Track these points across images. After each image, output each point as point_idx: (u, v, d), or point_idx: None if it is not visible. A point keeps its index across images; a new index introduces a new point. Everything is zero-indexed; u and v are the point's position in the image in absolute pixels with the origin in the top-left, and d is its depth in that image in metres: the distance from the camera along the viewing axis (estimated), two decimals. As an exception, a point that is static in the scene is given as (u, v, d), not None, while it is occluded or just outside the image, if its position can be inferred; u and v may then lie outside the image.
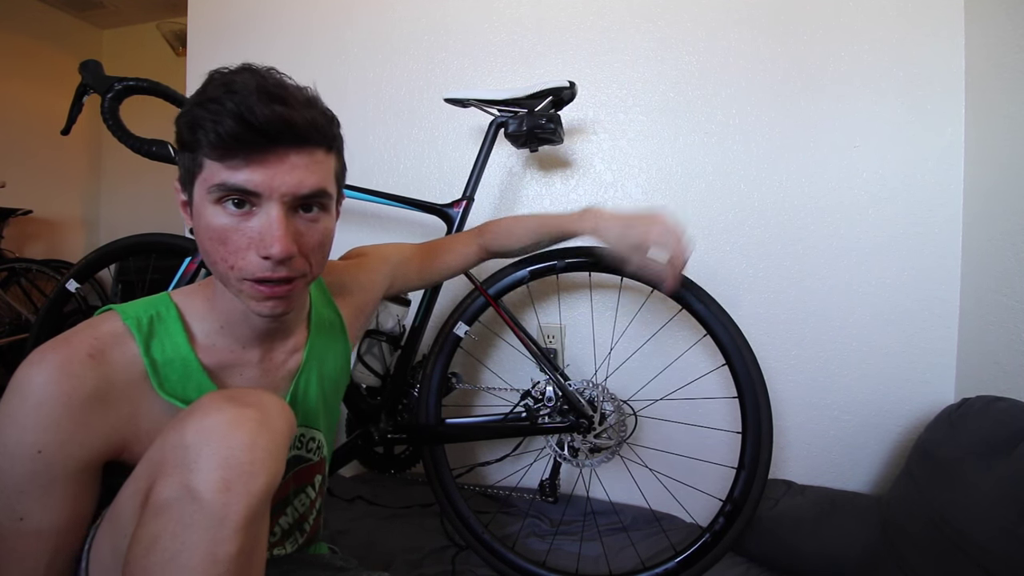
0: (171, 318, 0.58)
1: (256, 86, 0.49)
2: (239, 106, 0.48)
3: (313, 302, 0.71)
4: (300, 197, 0.53)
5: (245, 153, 0.49)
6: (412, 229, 1.45)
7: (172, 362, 0.56)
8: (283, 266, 0.52)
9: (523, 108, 1.08)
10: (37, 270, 2.68)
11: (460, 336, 1.10)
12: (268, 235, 0.51)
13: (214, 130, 0.48)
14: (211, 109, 0.48)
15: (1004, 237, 1.02)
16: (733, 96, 1.25)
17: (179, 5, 1.78)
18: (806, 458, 1.24)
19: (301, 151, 0.52)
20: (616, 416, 1.06)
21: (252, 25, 1.59)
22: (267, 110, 0.49)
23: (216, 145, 0.49)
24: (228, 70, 0.52)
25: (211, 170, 0.50)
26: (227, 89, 0.49)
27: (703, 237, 1.27)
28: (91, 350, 0.52)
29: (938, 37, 1.13)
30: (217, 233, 0.51)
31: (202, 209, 0.52)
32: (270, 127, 0.49)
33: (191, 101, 0.51)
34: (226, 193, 0.50)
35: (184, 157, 0.53)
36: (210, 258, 0.53)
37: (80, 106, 1.10)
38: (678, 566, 1.00)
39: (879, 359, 1.18)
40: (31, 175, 3.01)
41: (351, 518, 1.26)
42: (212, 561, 0.40)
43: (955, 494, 0.86)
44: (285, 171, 0.51)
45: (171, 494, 0.41)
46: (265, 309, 0.54)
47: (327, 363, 0.71)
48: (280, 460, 0.46)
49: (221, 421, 0.44)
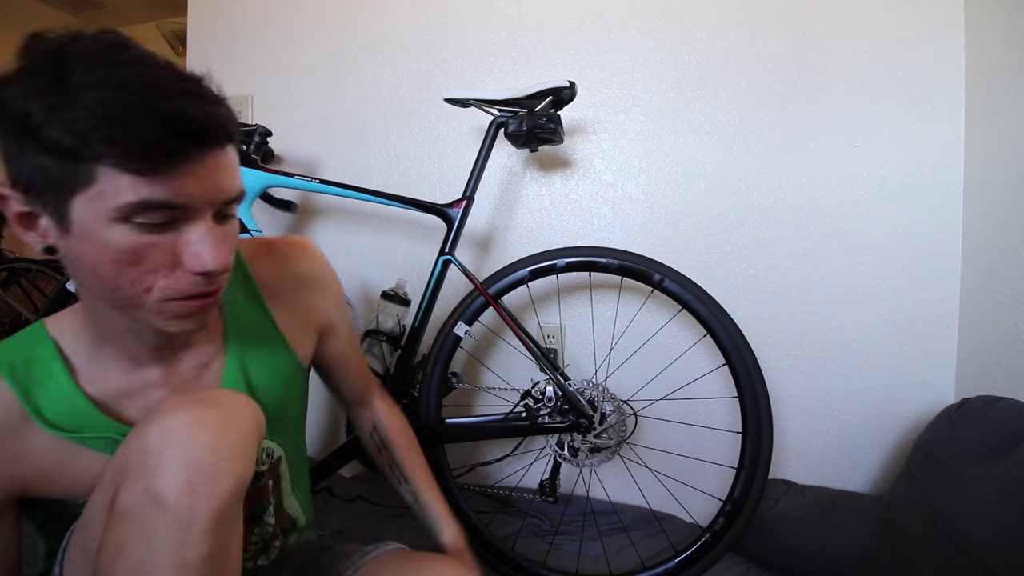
0: (49, 355, 0.52)
1: (161, 75, 0.41)
2: (158, 102, 0.39)
3: (226, 302, 0.61)
4: (224, 203, 0.46)
5: (169, 161, 0.41)
6: (412, 229, 1.45)
7: (58, 403, 0.51)
8: (215, 279, 0.48)
9: (523, 108, 1.08)
10: (37, 270, 2.68)
11: (460, 336, 1.10)
12: (204, 250, 0.44)
13: (130, 137, 0.39)
14: (117, 107, 0.39)
15: (1004, 237, 1.02)
16: (733, 96, 1.25)
17: (179, 5, 1.78)
18: (806, 458, 1.24)
19: (224, 152, 0.45)
20: (616, 416, 1.06)
21: (251, 25, 1.59)
22: (192, 108, 0.41)
23: (134, 155, 0.39)
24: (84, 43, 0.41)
25: (115, 184, 0.40)
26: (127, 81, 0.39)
27: (703, 237, 1.27)
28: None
29: (938, 37, 1.13)
30: (127, 255, 0.42)
31: (94, 228, 0.41)
32: (197, 129, 0.41)
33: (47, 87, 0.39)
34: (144, 211, 0.41)
35: (41, 160, 0.40)
36: (109, 284, 0.44)
37: (80, 106, 1.10)
38: (678, 566, 1.00)
39: (879, 359, 1.18)
40: (31, 175, 3.01)
41: (351, 518, 1.26)
42: (181, 565, 0.39)
43: (955, 494, 0.86)
44: (212, 176, 0.44)
45: (134, 499, 0.40)
46: (188, 325, 0.48)
47: (253, 370, 0.62)
48: (249, 460, 0.45)
49: (182, 422, 0.42)
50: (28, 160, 0.41)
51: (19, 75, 0.40)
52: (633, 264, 1.05)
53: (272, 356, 0.64)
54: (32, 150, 0.40)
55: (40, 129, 0.39)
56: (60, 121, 0.38)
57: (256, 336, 0.62)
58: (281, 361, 0.65)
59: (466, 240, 1.40)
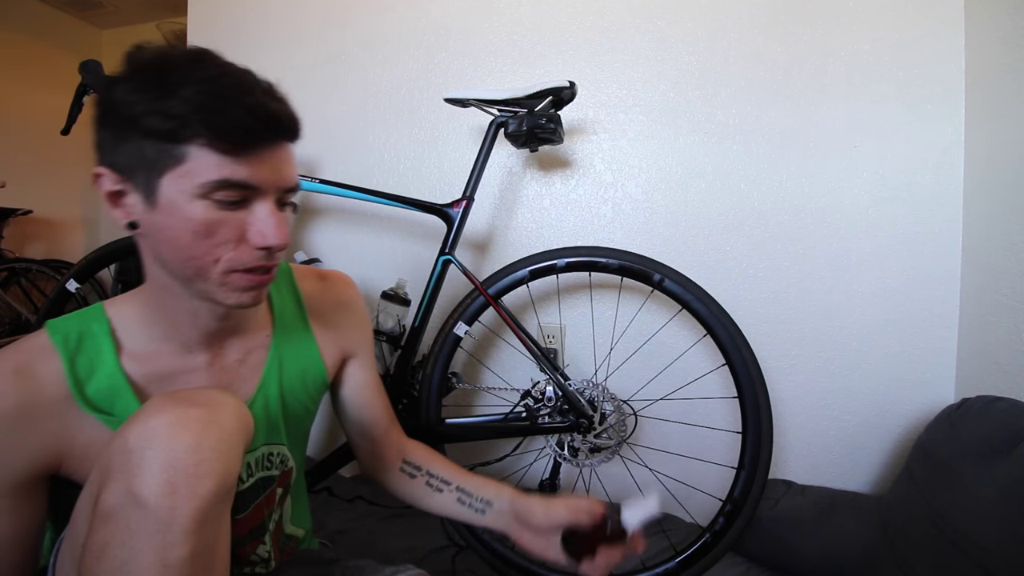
0: (101, 332, 0.55)
1: (248, 77, 0.49)
2: (246, 97, 0.47)
3: (276, 304, 0.68)
4: (286, 191, 0.53)
5: (251, 147, 0.48)
6: (412, 229, 1.45)
7: (98, 378, 0.54)
8: (274, 255, 0.53)
9: (523, 108, 1.08)
10: (37, 270, 2.68)
11: (460, 336, 1.10)
12: (268, 227, 0.51)
13: (223, 122, 0.46)
14: (212, 97, 0.46)
15: (1004, 237, 1.02)
16: (733, 96, 1.25)
17: (179, 5, 1.78)
18: (806, 458, 1.24)
19: (288, 145, 0.53)
20: (616, 416, 1.06)
21: (251, 25, 1.59)
22: (272, 104, 0.49)
23: (224, 138, 0.46)
24: (181, 52, 0.49)
25: (204, 163, 0.47)
26: (220, 79, 0.47)
27: (703, 237, 1.27)
28: (16, 366, 0.51)
29: (938, 37, 1.13)
30: (204, 227, 0.49)
31: (179, 202, 0.48)
32: (275, 122, 0.49)
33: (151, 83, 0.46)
34: (224, 188, 0.48)
35: (141, 145, 0.47)
36: (185, 253, 0.50)
37: (80, 106, 1.10)
38: (678, 566, 1.00)
39: (879, 359, 1.18)
40: (31, 175, 3.01)
41: (351, 518, 1.26)
42: (163, 566, 0.39)
43: (955, 494, 0.86)
44: (280, 165, 0.51)
45: (116, 500, 0.40)
46: (247, 299, 0.53)
47: (288, 373, 0.66)
48: (233, 459, 0.45)
49: (163, 423, 0.42)
50: (128, 145, 0.48)
51: (125, 76, 0.48)
52: (633, 264, 1.05)
53: (306, 364, 0.68)
54: (134, 136, 0.47)
55: (143, 118, 0.46)
56: (161, 110, 0.45)
57: (296, 343, 0.68)
58: (312, 370, 0.69)
59: (466, 240, 1.40)
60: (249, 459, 0.62)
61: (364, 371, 0.77)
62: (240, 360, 0.63)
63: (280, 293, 0.69)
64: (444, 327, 1.11)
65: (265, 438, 0.65)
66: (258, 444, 0.63)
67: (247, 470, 0.62)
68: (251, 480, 0.62)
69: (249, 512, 0.61)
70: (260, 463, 0.64)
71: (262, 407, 0.64)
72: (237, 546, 0.61)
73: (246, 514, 0.61)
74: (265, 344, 0.65)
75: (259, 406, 0.63)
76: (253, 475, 0.62)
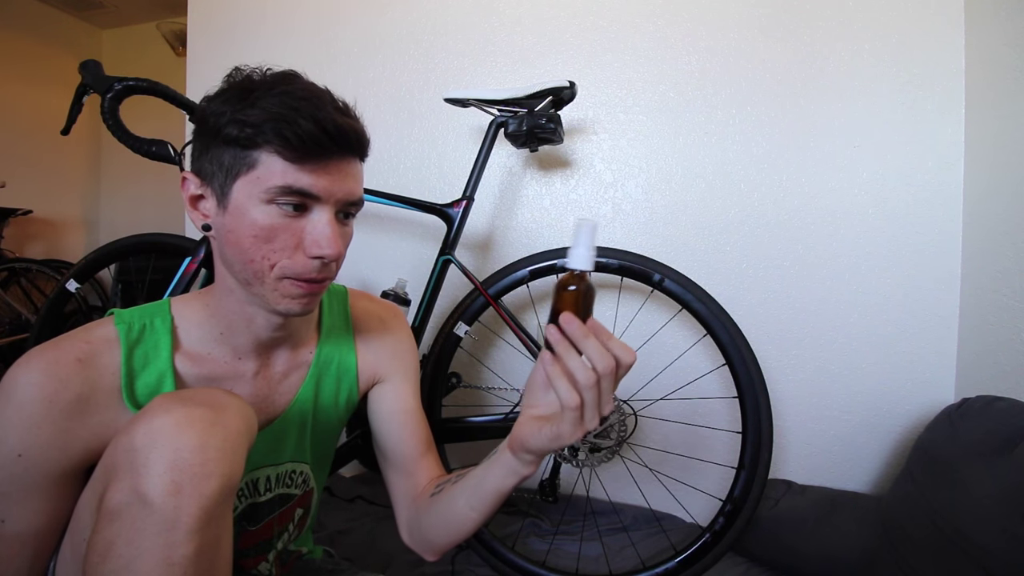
0: (163, 328, 0.57)
1: (322, 94, 0.52)
2: (317, 111, 0.49)
3: (326, 320, 0.69)
4: (348, 204, 0.54)
5: (316, 157, 0.50)
6: (412, 229, 1.45)
7: (149, 372, 0.55)
8: (328, 267, 0.54)
9: (523, 108, 1.08)
10: (37, 270, 2.68)
11: (460, 336, 1.10)
12: (323, 237, 0.52)
13: (292, 131, 0.48)
14: (286, 109, 0.49)
15: (1004, 237, 1.02)
16: (733, 96, 1.25)
17: (179, 5, 1.78)
18: (806, 458, 1.24)
19: (354, 161, 0.55)
20: (616, 416, 1.06)
21: (252, 25, 1.59)
22: (340, 119, 0.51)
23: (292, 146, 0.49)
24: (270, 73, 0.53)
25: (271, 169, 0.50)
26: (296, 94, 0.50)
27: (703, 237, 1.27)
28: (80, 354, 0.51)
29: (938, 37, 1.13)
30: (264, 231, 0.51)
31: (246, 206, 0.51)
32: (341, 136, 0.51)
33: (236, 97, 0.50)
34: (286, 194, 0.50)
35: (221, 152, 0.51)
36: (246, 255, 0.52)
37: (80, 106, 1.10)
38: (678, 566, 1.00)
39: (879, 359, 1.18)
40: (31, 175, 3.01)
41: (351, 518, 1.26)
42: (167, 565, 0.40)
43: (955, 494, 0.86)
44: (343, 178, 0.53)
45: (122, 499, 0.41)
46: (297, 307, 0.54)
47: (324, 392, 0.67)
48: (237, 460, 0.45)
49: (169, 422, 0.43)
50: (211, 153, 0.52)
51: (219, 92, 0.53)
52: (633, 264, 1.05)
53: (343, 384, 0.69)
54: (217, 143, 0.51)
55: (226, 127, 0.50)
56: (241, 119, 0.49)
57: (338, 363, 0.69)
58: (347, 391, 0.70)
59: (466, 240, 1.40)
60: (271, 473, 0.62)
61: (397, 398, 0.73)
62: (283, 373, 0.64)
63: (332, 312, 0.70)
64: (444, 327, 1.11)
65: (292, 455, 0.65)
66: (284, 460, 0.64)
67: (266, 484, 0.62)
68: (269, 495, 0.62)
69: (260, 526, 0.62)
70: (282, 479, 0.64)
71: (295, 422, 0.64)
72: (239, 558, 0.61)
73: (257, 527, 0.61)
74: (308, 361, 0.66)
75: (292, 421, 0.64)
76: (272, 490, 0.62)
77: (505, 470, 0.55)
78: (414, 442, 0.72)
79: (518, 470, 0.55)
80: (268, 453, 0.62)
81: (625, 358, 0.47)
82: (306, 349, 0.66)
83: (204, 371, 0.58)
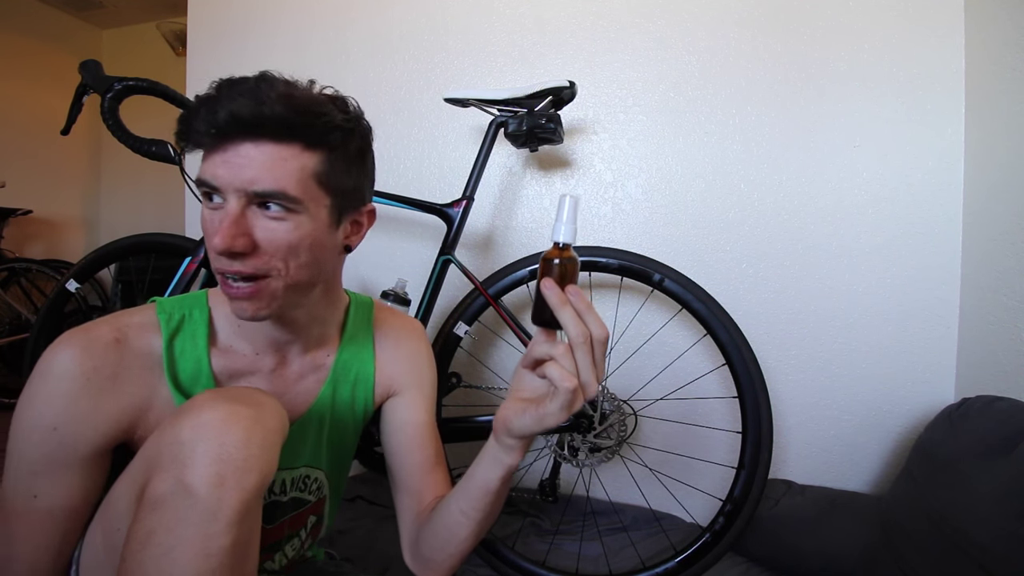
0: (200, 319, 0.59)
1: (255, 84, 0.50)
2: (223, 99, 0.49)
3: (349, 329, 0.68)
4: (253, 194, 0.50)
5: (212, 146, 0.50)
6: (412, 229, 1.45)
7: (187, 360, 0.57)
8: (236, 261, 0.50)
9: (523, 108, 1.08)
10: (37, 270, 2.67)
11: (460, 336, 1.10)
12: (215, 228, 0.50)
13: (189, 123, 0.50)
14: (200, 101, 0.50)
15: (1004, 237, 1.02)
16: (733, 96, 1.25)
17: (179, 5, 1.78)
18: (806, 458, 1.24)
19: (258, 144, 0.49)
20: (616, 416, 1.06)
21: (252, 25, 1.59)
22: (231, 104, 0.48)
23: (189, 138, 0.50)
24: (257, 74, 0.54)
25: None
26: (222, 85, 0.51)
27: (703, 237, 1.27)
28: (118, 335, 0.53)
29: (938, 37, 1.13)
30: (203, 224, 0.53)
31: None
32: (233, 121, 0.48)
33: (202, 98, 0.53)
34: (200, 186, 0.52)
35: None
36: None
37: (80, 106, 1.10)
38: (678, 566, 1.00)
39: (879, 359, 1.18)
40: (31, 175, 3.01)
41: (351, 518, 1.26)
42: (205, 555, 0.41)
43: (955, 494, 0.86)
44: (241, 167, 0.49)
45: (166, 489, 0.42)
46: (237, 309, 0.53)
47: (340, 399, 0.67)
48: (273, 458, 0.47)
49: (216, 418, 0.44)
50: None
51: None
52: (633, 264, 1.05)
53: (358, 392, 0.69)
54: None
55: None
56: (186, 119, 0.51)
57: (357, 370, 0.69)
58: (363, 399, 0.70)
59: (466, 240, 1.40)
60: (285, 476, 0.63)
61: (409, 411, 0.71)
62: (300, 374, 0.64)
63: (356, 320, 0.70)
64: (444, 327, 1.11)
65: (308, 459, 0.65)
66: (299, 464, 0.64)
67: (281, 486, 0.62)
68: (285, 497, 0.62)
69: (272, 527, 0.62)
70: (296, 483, 0.64)
71: (312, 426, 0.64)
72: None
73: (270, 527, 0.62)
74: (327, 364, 0.66)
75: (309, 425, 0.64)
76: (287, 493, 0.63)
77: (489, 460, 0.54)
78: (422, 456, 0.69)
79: (501, 458, 0.53)
80: (284, 456, 0.61)
81: (597, 332, 0.47)
82: (324, 352, 0.66)
83: (231, 365, 0.59)
